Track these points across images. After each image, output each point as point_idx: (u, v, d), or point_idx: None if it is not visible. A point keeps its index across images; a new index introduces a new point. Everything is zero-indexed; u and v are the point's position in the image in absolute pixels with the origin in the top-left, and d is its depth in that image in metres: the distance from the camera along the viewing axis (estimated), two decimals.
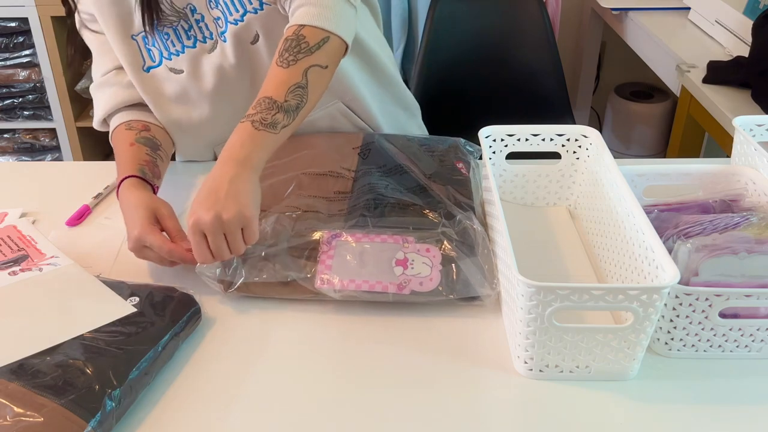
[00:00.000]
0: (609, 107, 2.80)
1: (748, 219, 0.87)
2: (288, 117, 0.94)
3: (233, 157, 0.89)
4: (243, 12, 1.07)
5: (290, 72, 0.95)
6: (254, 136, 0.91)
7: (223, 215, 0.84)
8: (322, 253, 0.92)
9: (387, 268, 0.90)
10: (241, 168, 0.88)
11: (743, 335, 0.81)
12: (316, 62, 0.97)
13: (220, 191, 0.86)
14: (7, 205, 1.11)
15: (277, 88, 0.94)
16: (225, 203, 0.85)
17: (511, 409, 0.78)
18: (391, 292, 0.88)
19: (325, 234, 0.95)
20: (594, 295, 0.73)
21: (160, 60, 1.11)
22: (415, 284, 0.89)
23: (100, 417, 0.70)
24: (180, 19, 1.09)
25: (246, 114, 0.93)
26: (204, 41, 1.10)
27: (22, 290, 0.89)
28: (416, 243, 0.93)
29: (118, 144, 1.11)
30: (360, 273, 0.90)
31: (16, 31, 2.33)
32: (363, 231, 0.95)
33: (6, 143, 2.57)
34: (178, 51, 1.11)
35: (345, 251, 0.92)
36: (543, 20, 1.94)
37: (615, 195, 0.92)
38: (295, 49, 0.96)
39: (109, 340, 0.79)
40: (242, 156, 0.89)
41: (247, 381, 0.81)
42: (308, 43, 0.97)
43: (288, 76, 0.95)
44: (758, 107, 1.53)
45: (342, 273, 0.90)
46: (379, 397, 0.78)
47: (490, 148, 1.04)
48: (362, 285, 0.89)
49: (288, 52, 0.96)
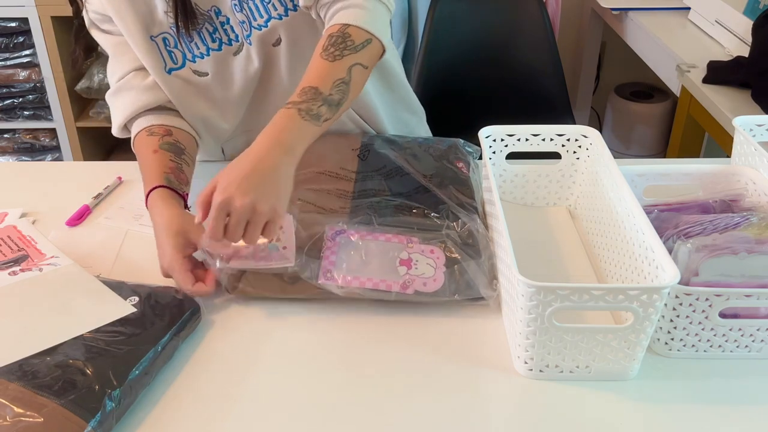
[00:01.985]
0: (609, 107, 2.80)
1: (748, 219, 0.87)
2: (330, 111, 0.92)
3: (280, 142, 0.87)
4: (267, 18, 1.08)
5: (335, 66, 0.94)
6: (300, 126, 0.89)
7: (258, 206, 0.82)
8: (326, 248, 0.92)
9: (391, 267, 0.90)
10: (285, 156, 0.86)
11: (743, 335, 0.81)
12: (359, 61, 0.96)
13: (263, 177, 0.84)
14: (7, 205, 1.11)
15: (323, 80, 0.93)
16: (263, 192, 0.83)
17: (511, 409, 0.78)
18: (394, 291, 0.88)
19: (329, 229, 0.94)
20: (594, 295, 0.73)
21: (183, 62, 1.10)
22: (419, 284, 0.89)
23: (100, 417, 0.70)
24: (204, 21, 1.08)
25: (290, 100, 0.91)
26: (230, 43, 1.10)
27: (22, 290, 0.89)
28: (420, 244, 0.93)
29: (141, 151, 1.08)
30: (364, 270, 0.90)
31: (16, 31, 2.33)
32: (367, 228, 0.95)
33: (6, 143, 2.57)
34: (202, 53, 1.09)
35: (349, 248, 0.92)
36: (543, 20, 1.94)
37: (615, 195, 0.91)
38: (341, 45, 0.95)
39: (109, 340, 0.79)
40: (288, 143, 0.87)
41: (247, 381, 0.81)
42: (353, 42, 0.96)
43: (333, 69, 0.94)
44: (758, 107, 1.53)
45: (346, 270, 0.90)
46: (379, 397, 0.78)
47: (490, 148, 1.04)
48: (366, 282, 0.88)
49: (333, 47, 0.95)
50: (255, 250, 0.90)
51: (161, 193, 0.98)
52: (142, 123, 1.11)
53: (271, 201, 0.83)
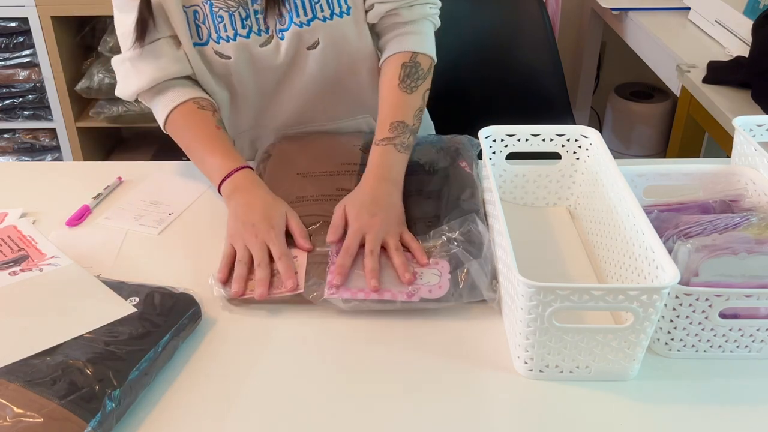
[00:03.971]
0: (609, 107, 2.80)
1: (748, 219, 0.87)
2: (414, 137, 1.08)
3: (386, 177, 1.01)
4: (312, 17, 1.08)
5: (414, 97, 1.09)
6: (399, 159, 1.04)
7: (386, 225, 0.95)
8: (331, 263, 0.93)
9: (396, 279, 0.90)
10: (393, 187, 1.01)
11: (743, 335, 0.81)
12: (427, 86, 1.12)
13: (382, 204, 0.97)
14: (7, 205, 1.11)
15: (407, 113, 1.07)
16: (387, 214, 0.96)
17: (511, 410, 0.78)
18: (399, 300, 0.88)
19: (334, 246, 0.95)
20: (594, 296, 0.73)
21: (207, 40, 1.09)
22: (424, 291, 0.89)
23: (100, 417, 0.70)
24: (239, 6, 1.08)
25: (384, 137, 1.05)
26: (258, 33, 1.09)
27: (23, 290, 0.89)
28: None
29: (195, 126, 1.09)
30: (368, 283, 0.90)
31: (16, 31, 2.33)
32: None
33: (6, 143, 2.57)
34: (228, 37, 1.09)
35: (353, 263, 0.92)
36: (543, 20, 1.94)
37: (615, 195, 0.91)
38: (414, 75, 1.10)
39: (109, 340, 0.79)
40: (393, 177, 1.02)
41: (247, 381, 0.81)
42: (423, 70, 1.11)
43: (413, 100, 1.09)
44: (758, 107, 1.53)
45: (350, 283, 0.90)
46: (379, 398, 0.78)
47: (490, 149, 1.04)
48: (371, 294, 0.89)
49: (409, 78, 1.09)
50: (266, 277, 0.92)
51: (251, 173, 1.05)
52: (181, 93, 1.10)
53: (395, 220, 0.97)
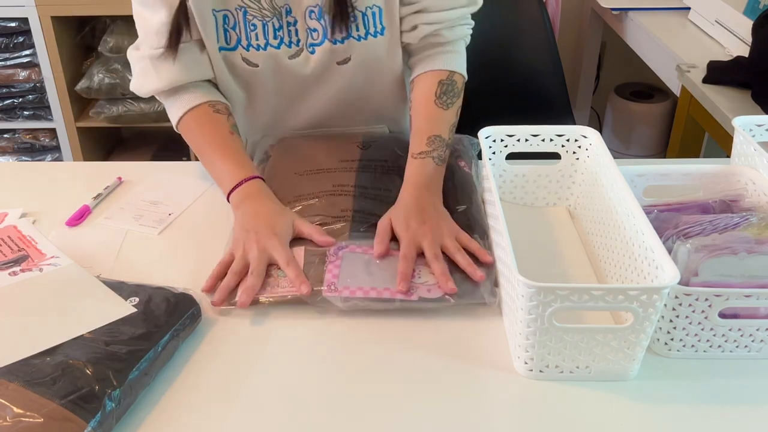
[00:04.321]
0: (609, 107, 2.80)
1: (748, 219, 0.87)
2: (449, 151, 1.10)
3: (428, 187, 1.03)
4: (347, 36, 1.09)
5: (449, 113, 1.12)
6: (437, 171, 1.06)
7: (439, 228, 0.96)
8: (329, 262, 0.93)
9: (394, 277, 0.90)
10: (434, 197, 1.03)
11: (743, 335, 0.81)
12: (461, 102, 1.15)
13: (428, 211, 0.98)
14: (7, 205, 1.11)
15: (443, 128, 1.10)
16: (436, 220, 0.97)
17: (512, 410, 0.78)
18: (398, 299, 0.88)
19: (331, 246, 0.95)
20: (594, 296, 0.73)
21: (236, 46, 1.09)
22: (423, 291, 0.89)
23: (100, 417, 0.70)
24: (274, 16, 1.08)
25: (422, 150, 1.07)
26: (289, 45, 1.10)
27: (23, 290, 0.89)
28: (423, 255, 0.93)
29: (212, 130, 1.09)
30: (367, 281, 0.90)
31: (16, 31, 2.33)
32: (369, 244, 0.95)
33: (6, 143, 2.57)
34: (259, 46, 1.09)
35: (352, 261, 0.93)
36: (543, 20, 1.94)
37: (615, 195, 0.92)
38: (450, 93, 1.13)
39: (109, 340, 0.79)
40: (433, 188, 1.04)
41: (247, 381, 0.81)
42: (458, 88, 1.15)
43: (449, 116, 1.12)
44: (758, 107, 1.53)
45: (349, 281, 0.90)
46: (379, 398, 0.78)
47: (490, 149, 1.04)
48: (370, 292, 0.89)
49: (446, 95, 1.13)
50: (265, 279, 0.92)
51: (260, 185, 1.04)
52: (197, 95, 1.11)
53: (446, 224, 0.98)
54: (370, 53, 1.12)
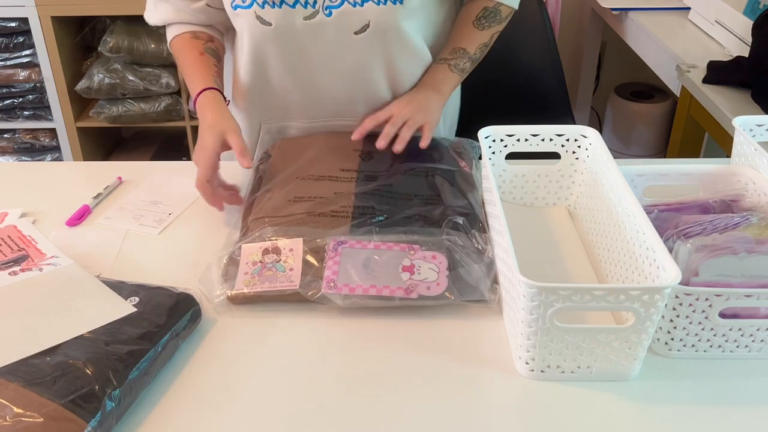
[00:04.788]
0: (609, 107, 2.79)
1: (748, 219, 0.87)
2: (472, 65, 1.22)
3: (433, 86, 1.19)
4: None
5: (483, 34, 1.22)
6: (449, 76, 1.19)
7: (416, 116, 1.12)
8: (329, 258, 0.92)
9: (394, 274, 0.90)
10: (436, 95, 1.18)
11: (743, 335, 0.81)
12: (500, 29, 1.24)
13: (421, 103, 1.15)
14: (7, 205, 1.11)
15: (471, 43, 1.21)
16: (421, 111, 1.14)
17: (513, 410, 0.77)
18: (398, 296, 0.88)
19: (331, 241, 0.95)
20: (596, 296, 0.73)
21: (251, 3, 1.08)
22: (422, 288, 0.89)
23: (100, 417, 0.70)
24: None
25: (443, 56, 1.20)
26: (305, 6, 1.08)
27: (23, 290, 0.89)
28: (422, 251, 0.93)
29: (185, 50, 1.17)
30: (367, 278, 0.90)
31: (16, 31, 2.33)
32: (368, 239, 0.95)
33: (6, 143, 2.57)
34: (275, 3, 1.07)
35: (351, 257, 0.92)
36: (543, 20, 1.93)
37: (615, 195, 0.91)
38: (492, 18, 1.22)
39: (109, 340, 0.79)
40: (438, 88, 1.19)
41: (247, 381, 0.81)
42: (502, 16, 1.23)
43: (481, 36, 1.21)
44: (758, 107, 1.53)
45: (348, 279, 0.90)
46: (380, 398, 0.78)
47: (490, 149, 1.04)
48: (369, 290, 0.89)
49: (486, 19, 1.21)
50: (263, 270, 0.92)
51: (212, 94, 1.11)
52: (185, 27, 1.18)
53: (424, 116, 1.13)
54: (387, 20, 1.09)
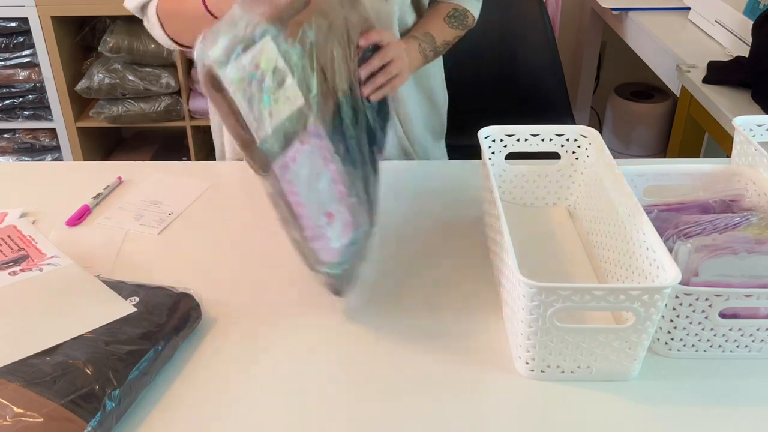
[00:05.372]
0: (609, 107, 2.79)
1: (748, 219, 0.87)
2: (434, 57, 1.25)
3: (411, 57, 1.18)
4: None
5: (451, 32, 1.27)
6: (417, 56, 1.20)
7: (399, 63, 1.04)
8: (299, 141, 0.79)
9: (316, 214, 0.81)
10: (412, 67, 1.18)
11: (743, 335, 0.81)
12: (461, 35, 1.30)
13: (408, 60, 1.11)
14: (7, 205, 1.11)
15: (440, 35, 1.25)
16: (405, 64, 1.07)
17: (513, 410, 0.77)
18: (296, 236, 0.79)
19: (313, 128, 0.81)
20: (596, 296, 0.73)
21: None
22: (322, 244, 0.81)
23: (99, 417, 0.70)
24: None
25: (414, 34, 1.22)
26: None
27: (23, 290, 0.89)
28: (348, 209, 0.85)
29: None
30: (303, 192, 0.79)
31: (16, 31, 2.33)
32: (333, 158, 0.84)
33: (6, 143, 2.57)
34: None
35: (308, 161, 0.80)
36: (543, 20, 1.94)
37: (615, 195, 0.91)
38: (460, 21, 1.28)
39: (109, 340, 0.79)
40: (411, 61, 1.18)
41: (247, 381, 0.81)
42: (467, 21, 1.29)
43: (448, 33, 1.27)
44: (758, 107, 1.53)
45: (292, 175, 0.78)
46: (380, 398, 0.78)
47: (490, 149, 1.04)
48: (291, 197, 0.78)
49: (455, 19, 1.28)
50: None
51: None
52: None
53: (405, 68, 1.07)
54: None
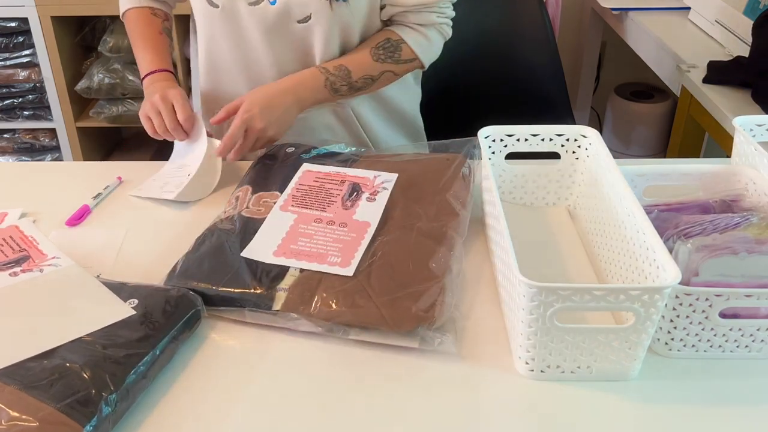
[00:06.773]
0: (609, 107, 2.79)
1: (748, 219, 0.87)
2: (349, 92, 1.16)
3: (297, 92, 1.12)
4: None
5: (375, 65, 1.16)
6: (320, 90, 1.13)
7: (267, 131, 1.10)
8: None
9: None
10: (296, 105, 1.12)
11: (743, 335, 0.81)
12: (393, 70, 1.19)
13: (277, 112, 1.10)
14: (7, 205, 1.11)
15: (358, 69, 1.15)
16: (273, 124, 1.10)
17: (513, 410, 0.77)
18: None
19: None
20: (596, 296, 0.73)
21: None
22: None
23: (96, 421, 0.70)
24: None
25: (325, 67, 1.14)
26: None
27: (23, 291, 0.89)
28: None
29: (143, 26, 1.22)
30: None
31: (16, 31, 2.33)
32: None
33: (6, 143, 2.57)
34: None
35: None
36: (543, 20, 1.94)
37: (615, 195, 0.91)
38: (390, 53, 1.17)
39: (107, 343, 0.78)
40: (302, 97, 1.12)
41: (247, 385, 0.80)
42: (400, 56, 1.18)
43: (371, 67, 1.16)
44: (758, 107, 1.53)
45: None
46: (379, 398, 0.78)
47: (490, 149, 1.04)
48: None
49: (383, 50, 1.17)
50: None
51: (166, 75, 1.18)
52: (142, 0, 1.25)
53: (274, 130, 1.10)
54: (329, 18, 1.11)
